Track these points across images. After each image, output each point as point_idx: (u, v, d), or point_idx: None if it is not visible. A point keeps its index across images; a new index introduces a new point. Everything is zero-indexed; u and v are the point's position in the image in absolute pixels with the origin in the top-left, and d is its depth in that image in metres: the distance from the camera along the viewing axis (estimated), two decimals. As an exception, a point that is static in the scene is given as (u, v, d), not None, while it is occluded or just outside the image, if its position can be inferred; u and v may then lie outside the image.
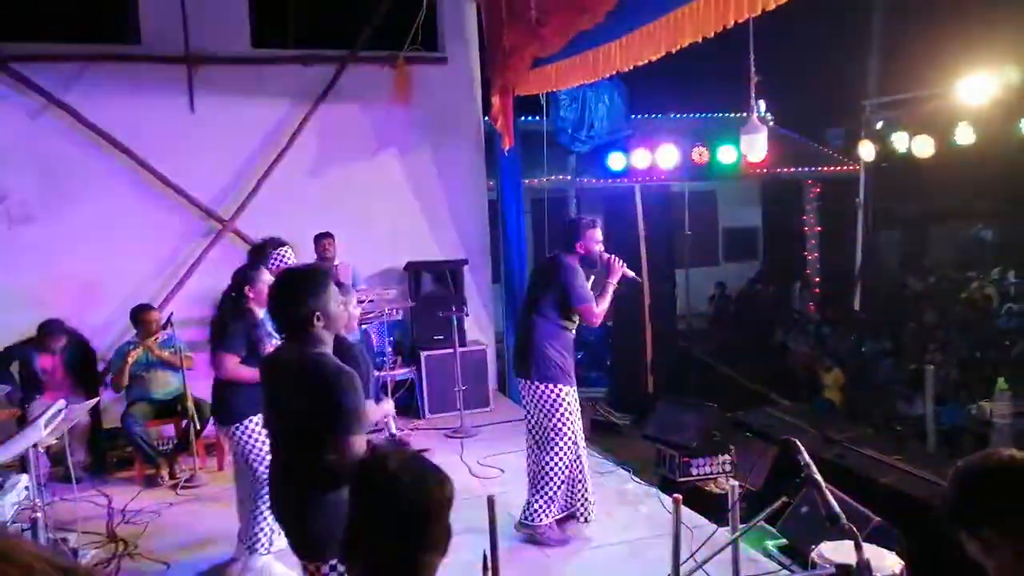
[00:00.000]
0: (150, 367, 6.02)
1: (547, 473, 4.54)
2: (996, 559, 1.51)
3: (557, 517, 4.62)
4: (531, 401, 4.60)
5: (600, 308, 4.53)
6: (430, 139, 7.82)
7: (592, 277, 4.71)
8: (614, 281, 4.59)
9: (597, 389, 9.64)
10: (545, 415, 4.53)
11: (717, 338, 13.56)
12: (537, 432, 4.61)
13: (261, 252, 4.83)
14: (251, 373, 4.13)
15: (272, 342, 4.26)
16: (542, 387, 4.52)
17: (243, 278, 4.33)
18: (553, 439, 4.53)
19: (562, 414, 4.52)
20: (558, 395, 4.52)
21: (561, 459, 4.55)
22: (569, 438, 4.56)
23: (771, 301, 14.38)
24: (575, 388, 4.63)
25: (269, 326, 4.44)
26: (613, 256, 4.65)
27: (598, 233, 4.61)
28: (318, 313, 2.66)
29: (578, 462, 4.67)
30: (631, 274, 4.71)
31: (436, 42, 7.90)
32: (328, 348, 2.72)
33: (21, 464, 4.71)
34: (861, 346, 10.38)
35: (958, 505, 1.57)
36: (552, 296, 4.54)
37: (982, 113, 7.54)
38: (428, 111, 7.76)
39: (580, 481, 4.69)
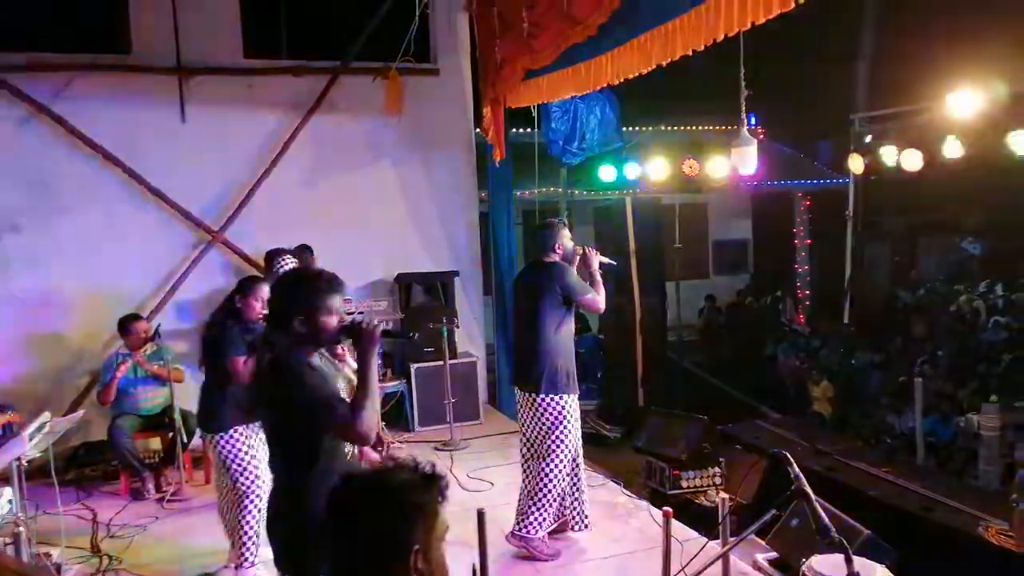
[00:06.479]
0: (138, 382, 5.93)
1: (545, 485, 4.52)
2: None
3: (550, 529, 4.61)
4: (532, 414, 4.58)
5: (600, 297, 4.62)
6: (421, 150, 7.81)
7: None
8: (596, 270, 4.67)
9: (588, 402, 9.60)
10: (548, 427, 4.52)
11: (707, 351, 13.57)
12: (536, 444, 4.60)
13: (269, 262, 4.82)
14: None
15: None
16: (548, 399, 4.51)
17: (239, 287, 4.33)
18: (553, 451, 4.52)
19: (565, 425, 4.53)
20: (564, 406, 4.53)
21: (560, 471, 4.54)
22: (568, 449, 4.56)
23: (761, 313, 14.41)
24: (577, 395, 4.64)
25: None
26: (585, 247, 4.74)
27: (567, 231, 4.72)
28: (301, 317, 2.53)
29: (576, 471, 4.68)
30: (607, 260, 4.77)
31: (428, 53, 7.91)
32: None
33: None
34: (851, 358, 10.40)
35: None
36: (550, 301, 4.52)
37: (970, 127, 7.59)
38: (420, 122, 7.76)
39: (577, 489, 4.72)
